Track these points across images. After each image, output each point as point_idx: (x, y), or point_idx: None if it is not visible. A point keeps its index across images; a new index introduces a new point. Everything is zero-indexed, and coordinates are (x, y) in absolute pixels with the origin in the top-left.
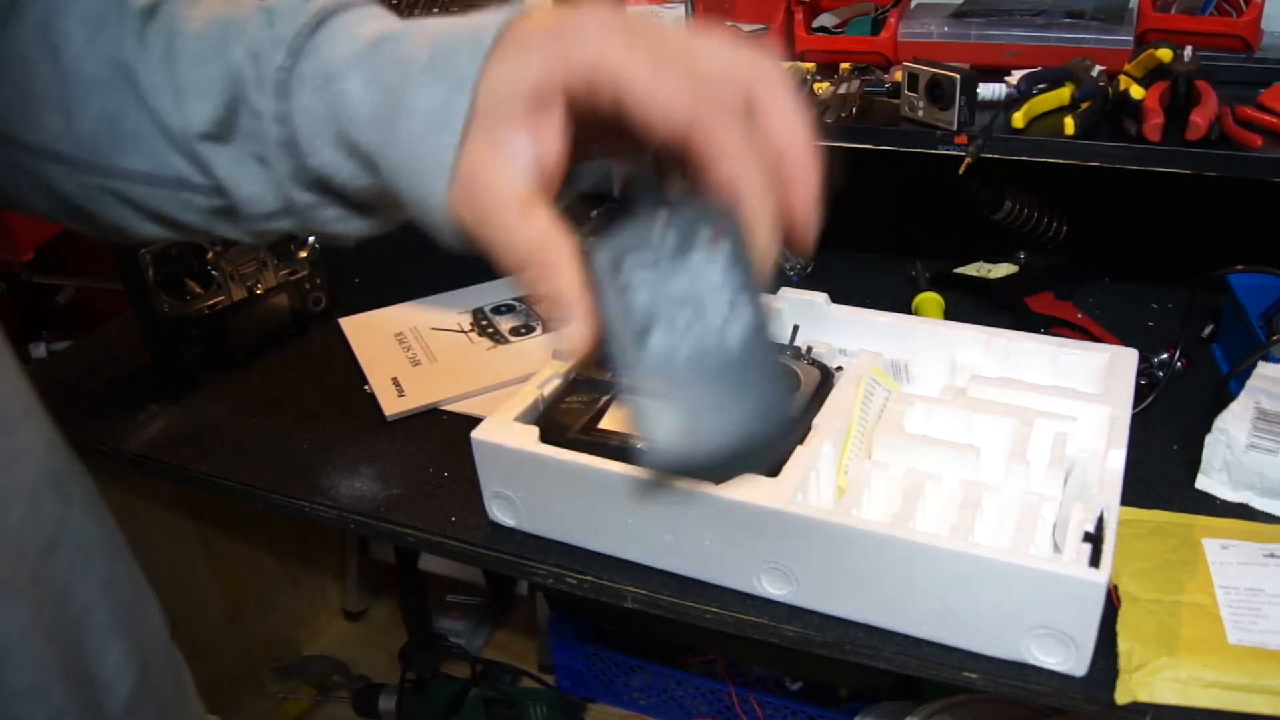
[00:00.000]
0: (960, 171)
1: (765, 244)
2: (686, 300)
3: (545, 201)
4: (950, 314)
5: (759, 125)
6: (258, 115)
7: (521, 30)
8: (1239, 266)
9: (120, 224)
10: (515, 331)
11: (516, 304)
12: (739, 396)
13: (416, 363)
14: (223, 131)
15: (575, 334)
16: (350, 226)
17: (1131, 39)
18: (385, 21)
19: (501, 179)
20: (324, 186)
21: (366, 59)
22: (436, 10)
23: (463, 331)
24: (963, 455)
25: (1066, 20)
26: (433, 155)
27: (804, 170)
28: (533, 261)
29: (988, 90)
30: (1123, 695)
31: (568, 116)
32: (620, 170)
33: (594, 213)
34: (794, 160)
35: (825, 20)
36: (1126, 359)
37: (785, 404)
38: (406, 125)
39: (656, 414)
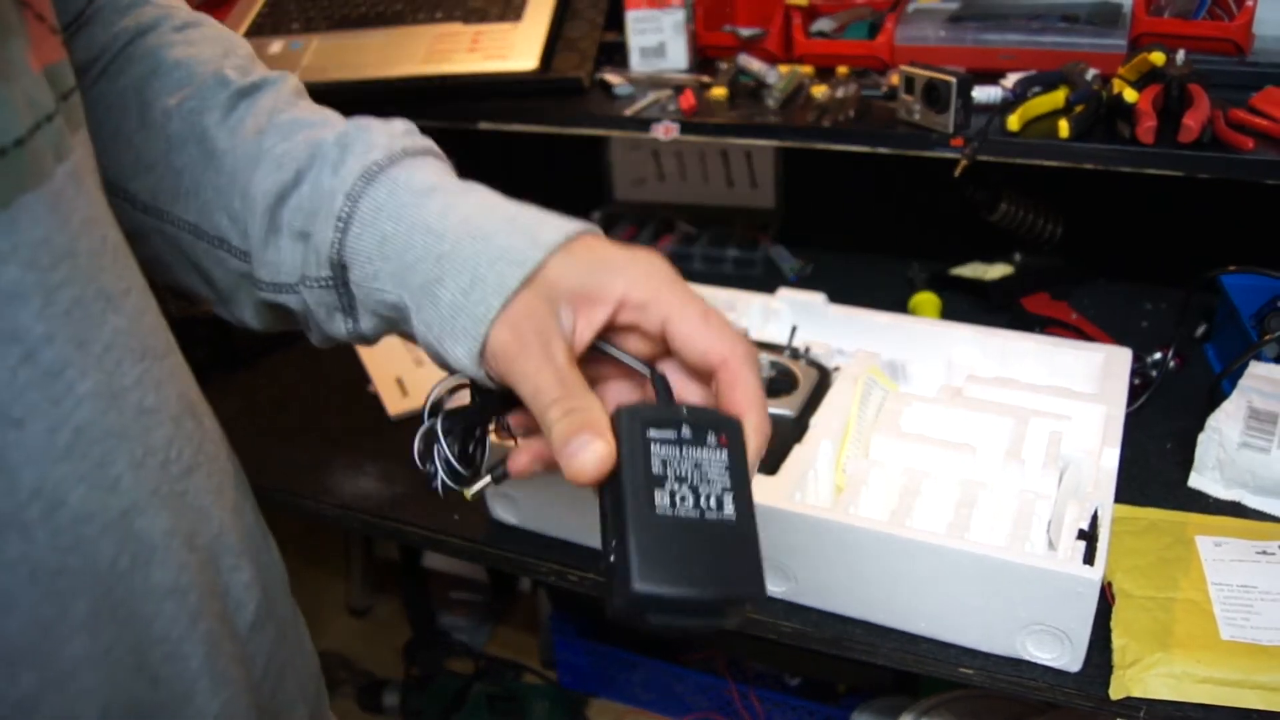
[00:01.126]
0: (956, 174)
1: (755, 459)
2: (692, 477)
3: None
4: (947, 314)
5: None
6: (319, 190)
7: (594, 242)
8: (1231, 267)
9: (162, 262)
10: None
11: None
12: (727, 556)
13: (420, 362)
14: (279, 198)
15: (596, 457)
16: (333, 323)
17: (1125, 43)
18: (474, 181)
19: (554, 331)
20: (343, 276)
21: (453, 192)
22: (440, 14)
23: None
24: (959, 454)
25: (1061, 24)
26: (496, 280)
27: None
28: (571, 401)
29: (983, 93)
30: (1117, 690)
31: (606, 321)
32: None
33: None
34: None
35: (823, 24)
36: (1121, 359)
37: (759, 578)
38: (477, 249)
39: (647, 554)
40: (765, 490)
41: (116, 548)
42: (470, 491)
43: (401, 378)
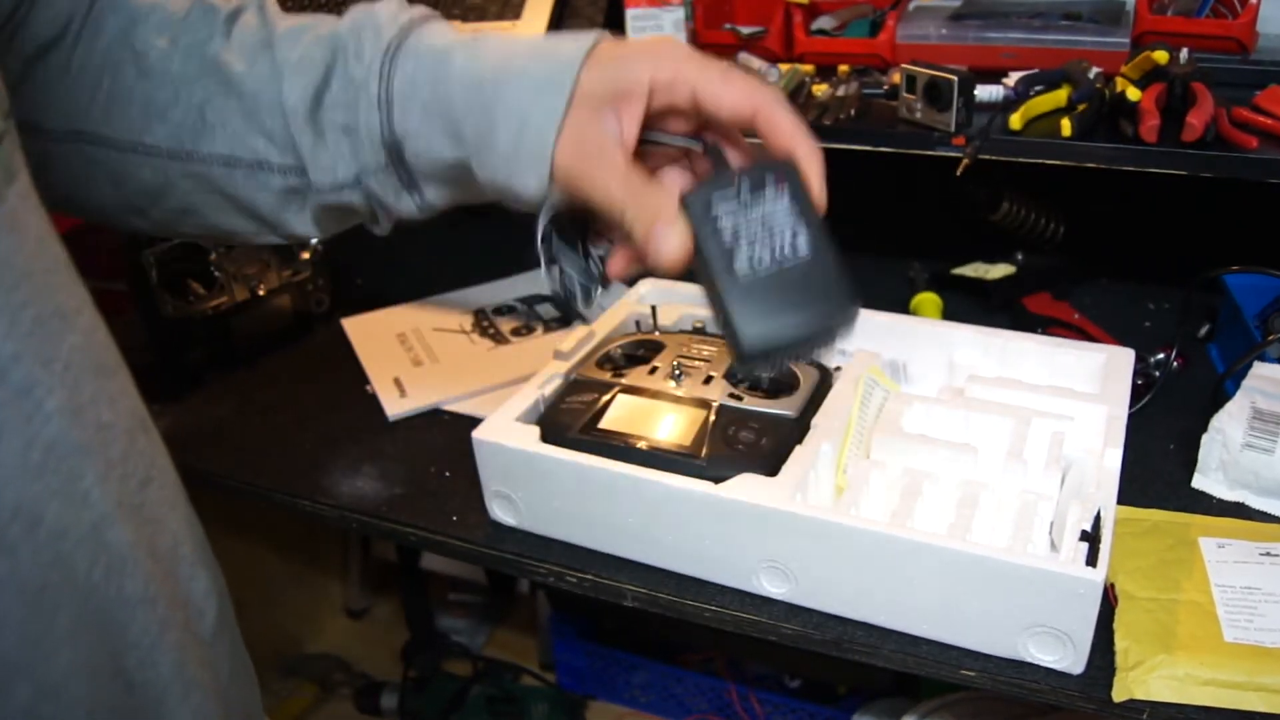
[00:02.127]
0: (958, 173)
1: (818, 187)
2: (763, 224)
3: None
4: (948, 314)
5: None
6: (351, 82)
7: (611, 45)
8: (1235, 267)
9: (192, 207)
10: (516, 332)
11: (518, 305)
12: (811, 292)
13: (418, 363)
14: (315, 101)
15: (675, 244)
16: (403, 204)
17: (1128, 41)
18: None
19: (609, 139)
20: (398, 154)
21: (471, 44)
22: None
23: (464, 332)
24: (960, 454)
25: (1063, 22)
26: (544, 112)
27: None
28: (639, 198)
29: (985, 92)
30: (1119, 693)
31: (644, 111)
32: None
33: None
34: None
35: (824, 23)
36: (1123, 359)
37: (849, 295)
38: (515, 89)
39: (747, 317)
40: (766, 491)
41: (90, 560)
42: (587, 301)
43: (400, 378)
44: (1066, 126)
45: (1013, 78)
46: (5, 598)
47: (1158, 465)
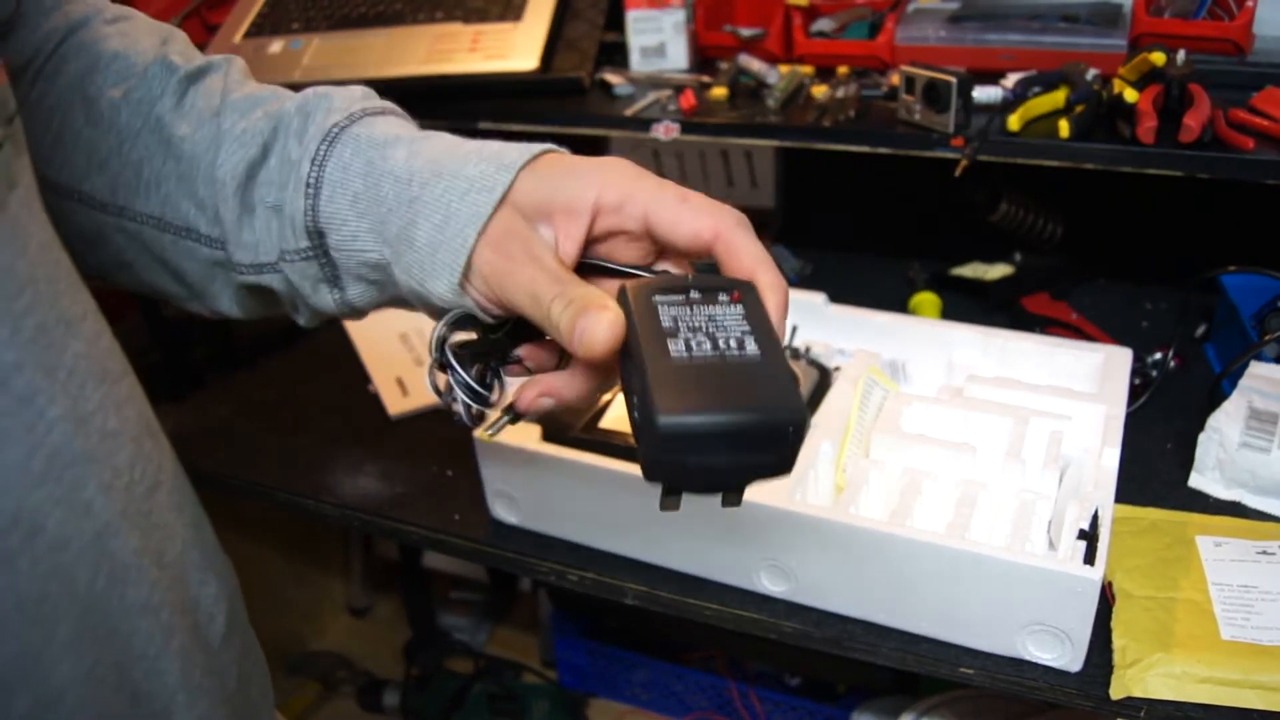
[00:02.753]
0: (956, 174)
1: (777, 317)
2: (710, 321)
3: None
4: (947, 314)
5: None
6: (287, 160)
7: (559, 157)
8: (1231, 267)
9: (128, 262)
10: None
11: None
12: (749, 387)
13: (421, 362)
14: (248, 175)
15: (604, 327)
16: (321, 298)
17: (1125, 43)
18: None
19: (538, 240)
20: (321, 244)
21: (417, 141)
22: (440, 14)
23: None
24: (959, 454)
25: (1061, 24)
26: (470, 207)
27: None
28: (569, 290)
29: (983, 93)
30: (1117, 690)
31: (585, 231)
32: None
33: None
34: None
35: (823, 24)
36: (1121, 359)
37: (795, 401)
38: (445, 185)
39: (669, 392)
40: (765, 490)
41: (93, 570)
42: (485, 430)
43: (402, 378)
44: (1064, 128)
45: (1011, 79)
46: (3, 608)
47: (1155, 464)
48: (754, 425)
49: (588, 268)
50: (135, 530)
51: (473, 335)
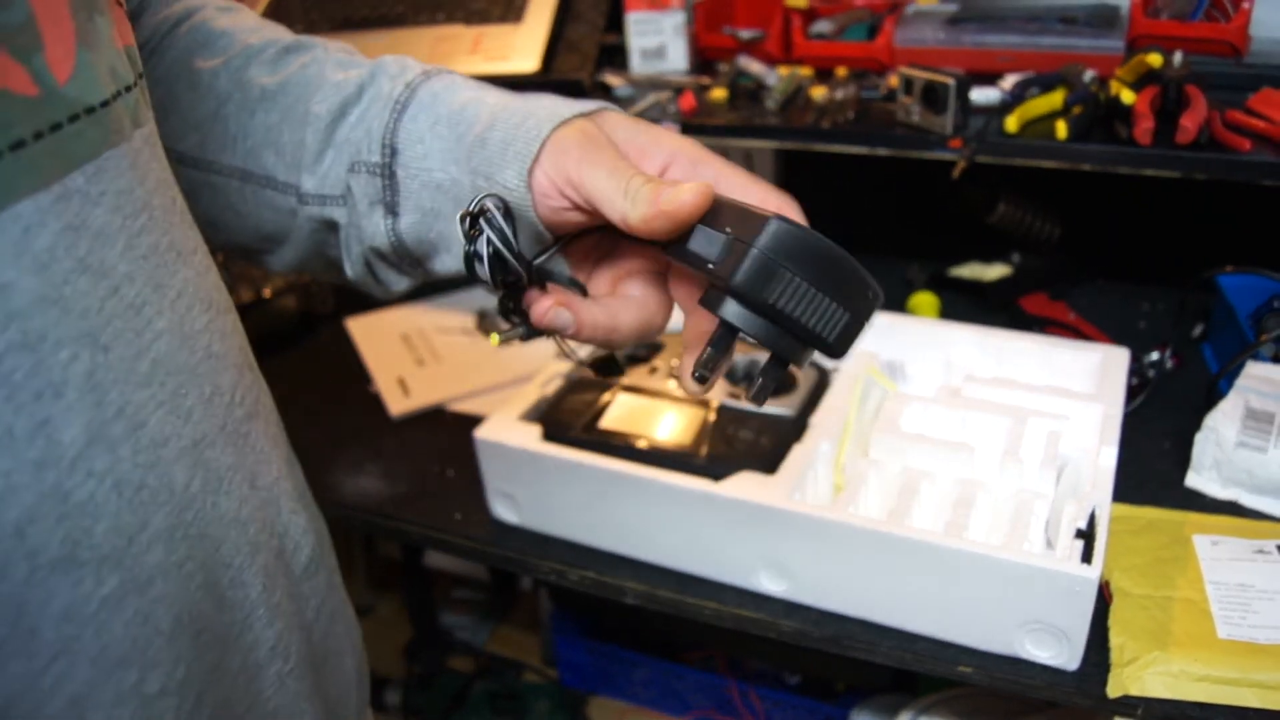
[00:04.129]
0: (955, 175)
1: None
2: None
3: None
4: (945, 314)
5: None
6: (379, 97)
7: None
8: (1228, 268)
9: (211, 218)
10: None
11: None
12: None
13: (421, 363)
14: (340, 112)
15: (692, 190)
16: (374, 222)
17: (1122, 44)
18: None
19: (611, 146)
20: (391, 163)
21: (494, 91)
22: (442, 16)
23: (467, 332)
24: (957, 453)
25: (1059, 26)
26: (548, 110)
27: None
28: (649, 177)
29: (981, 95)
30: (1114, 689)
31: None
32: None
33: None
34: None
35: (822, 26)
36: (1118, 359)
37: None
38: (525, 106)
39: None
40: (765, 489)
41: (189, 473)
42: (499, 336)
43: (403, 378)
44: (1062, 129)
45: (1009, 81)
46: (102, 489)
47: (1152, 464)
48: (853, 268)
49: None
50: (231, 447)
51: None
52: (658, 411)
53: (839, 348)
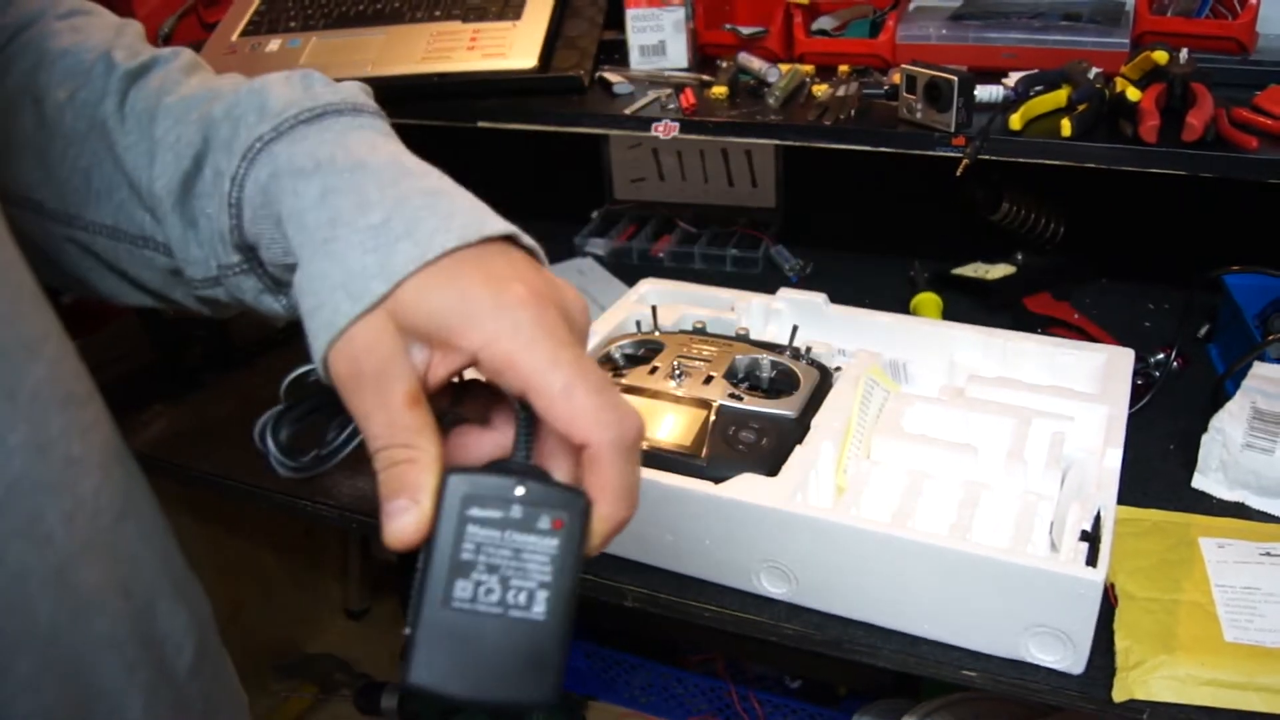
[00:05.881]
0: (958, 173)
1: (598, 543)
2: (506, 568)
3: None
4: (948, 314)
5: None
6: (218, 173)
7: (472, 269)
8: (1234, 267)
9: (82, 276)
10: None
11: None
12: (517, 659)
13: None
14: (184, 188)
15: (407, 529)
16: (264, 304)
17: (1128, 41)
18: (379, 148)
19: (396, 369)
20: (252, 254)
21: (336, 174)
22: (439, 12)
23: None
24: (961, 455)
25: (1063, 23)
26: (332, 309)
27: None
28: (401, 443)
29: (985, 92)
30: (1120, 693)
31: (460, 368)
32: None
33: None
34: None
35: (824, 23)
36: (1123, 359)
37: (557, 682)
38: (326, 267)
39: (434, 646)
40: (766, 491)
41: (55, 603)
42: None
43: None
44: (1066, 127)
45: (1013, 78)
46: None
47: (1158, 465)
48: (498, 705)
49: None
50: (100, 562)
51: None
52: (658, 412)
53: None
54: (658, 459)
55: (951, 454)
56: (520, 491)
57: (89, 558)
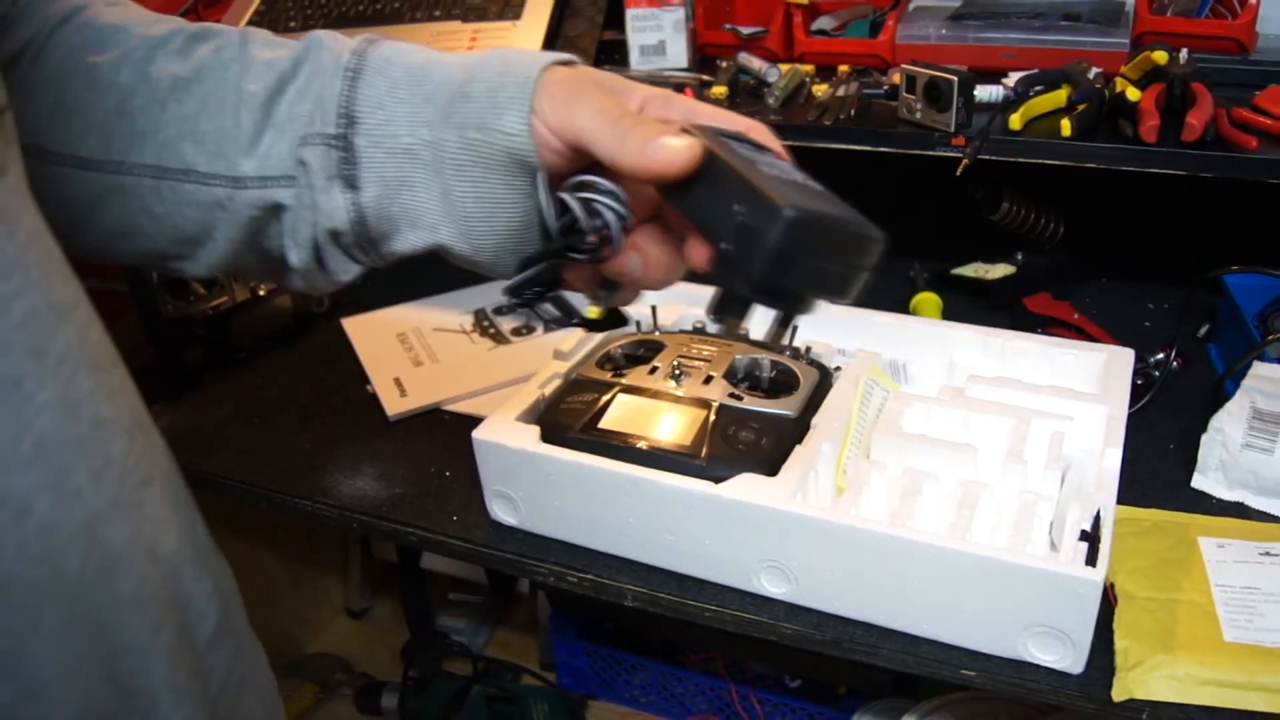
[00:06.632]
0: (958, 173)
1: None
2: (772, 162)
3: None
4: (948, 314)
5: None
6: (321, 69)
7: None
8: (1234, 267)
9: (122, 228)
10: (516, 332)
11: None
12: (838, 204)
13: (419, 363)
14: (276, 88)
15: (683, 145)
16: (332, 200)
17: (1128, 41)
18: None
19: (597, 86)
20: (348, 135)
21: (428, 50)
22: (439, 12)
23: (464, 332)
24: (960, 454)
25: (1063, 23)
26: (528, 57)
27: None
28: (638, 116)
29: (985, 92)
30: (1119, 693)
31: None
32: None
33: None
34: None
35: (824, 23)
36: (1123, 359)
37: (873, 225)
38: (497, 57)
39: (783, 190)
40: (766, 491)
41: (82, 558)
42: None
43: (400, 378)
44: (1066, 127)
45: (1012, 78)
46: None
47: (1157, 465)
48: (861, 230)
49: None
50: (126, 521)
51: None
52: (657, 412)
53: (849, 297)
54: (657, 459)
55: (951, 454)
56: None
57: (116, 516)
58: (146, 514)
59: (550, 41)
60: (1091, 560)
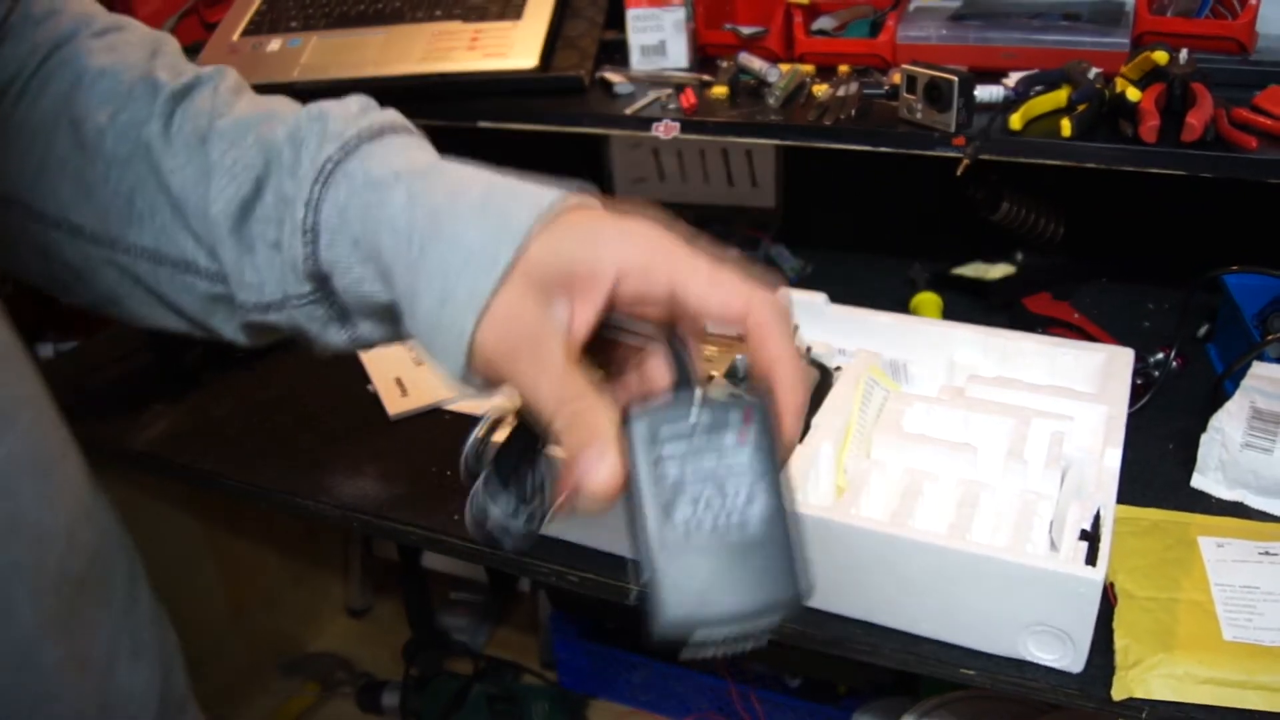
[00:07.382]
0: (958, 173)
1: (791, 430)
2: (713, 479)
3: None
4: (948, 314)
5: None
6: (282, 199)
7: (585, 213)
8: (1234, 267)
9: (118, 298)
10: None
11: None
12: (752, 573)
13: (420, 362)
14: (242, 212)
15: (604, 480)
16: (331, 336)
17: (1128, 41)
18: (440, 157)
19: (548, 328)
20: (325, 283)
21: (417, 178)
22: (439, 12)
23: None
24: (960, 454)
25: (1063, 23)
26: (468, 288)
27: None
28: (571, 408)
29: (985, 92)
30: (1119, 691)
31: (606, 300)
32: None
33: None
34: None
35: (824, 23)
36: (1123, 359)
37: (800, 581)
38: (444, 253)
39: (674, 579)
40: None
41: (17, 687)
42: (514, 542)
43: (401, 378)
44: (1066, 127)
45: (1013, 78)
46: None
47: (1157, 465)
48: (756, 610)
49: (607, 329)
50: (61, 640)
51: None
52: None
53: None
54: None
55: (951, 453)
56: (699, 405)
57: (51, 635)
58: (77, 624)
59: (550, 42)
60: (1091, 560)
